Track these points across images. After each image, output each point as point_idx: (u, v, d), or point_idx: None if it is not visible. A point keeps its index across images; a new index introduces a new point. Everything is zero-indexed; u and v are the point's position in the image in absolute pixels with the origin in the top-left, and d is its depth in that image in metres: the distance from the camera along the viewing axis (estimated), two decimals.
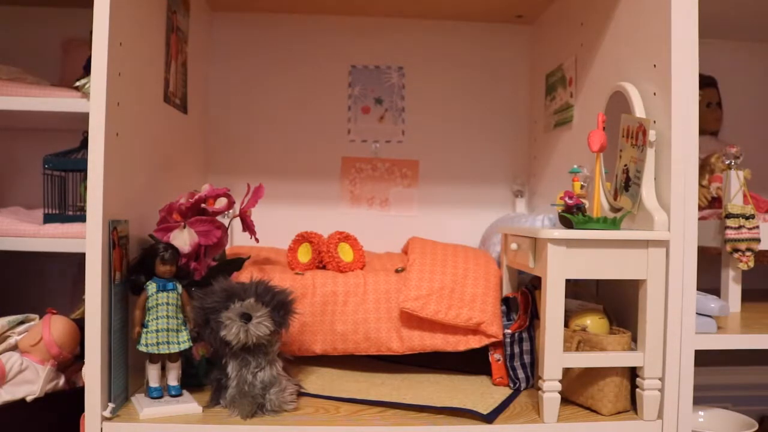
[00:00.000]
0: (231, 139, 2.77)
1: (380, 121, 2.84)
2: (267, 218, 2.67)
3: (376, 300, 2.02)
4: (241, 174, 2.73)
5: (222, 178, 2.70)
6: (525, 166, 2.87)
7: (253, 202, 2.00)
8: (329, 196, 2.82)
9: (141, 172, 1.90)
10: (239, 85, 2.77)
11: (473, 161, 2.86)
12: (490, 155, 2.86)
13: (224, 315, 1.63)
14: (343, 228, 2.39)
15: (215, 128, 2.76)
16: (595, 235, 1.64)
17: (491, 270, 2.10)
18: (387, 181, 2.86)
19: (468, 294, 2.01)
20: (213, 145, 2.76)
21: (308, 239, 2.23)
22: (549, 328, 1.64)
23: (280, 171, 2.78)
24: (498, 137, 2.86)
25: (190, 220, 1.81)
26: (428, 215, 2.86)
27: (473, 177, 2.87)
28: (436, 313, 1.96)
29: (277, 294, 1.72)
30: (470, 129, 2.86)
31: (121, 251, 1.67)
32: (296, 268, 2.19)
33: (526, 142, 2.87)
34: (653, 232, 1.64)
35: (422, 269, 2.05)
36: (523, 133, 2.87)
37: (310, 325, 1.98)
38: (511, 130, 2.87)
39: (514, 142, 2.87)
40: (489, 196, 2.86)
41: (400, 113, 2.84)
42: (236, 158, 2.76)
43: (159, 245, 1.72)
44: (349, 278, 2.06)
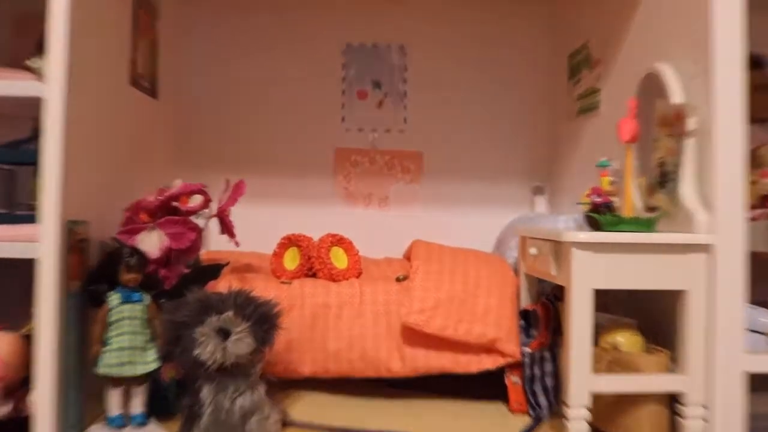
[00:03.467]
0: (208, 128, 2.77)
1: (379, 107, 2.85)
2: (248, 219, 2.65)
3: (374, 313, 2.02)
4: (219, 168, 2.73)
5: (197, 172, 2.70)
6: (545, 159, 2.87)
7: (232, 201, 2.00)
8: (320, 193, 2.82)
9: (104, 165, 1.88)
10: (218, 67, 2.77)
11: (486, 153, 2.86)
12: (505, 146, 2.86)
13: (198, 331, 1.61)
14: (336, 230, 2.37)
15: (190, 116, 2.76)
16: (627, 238, 1.63)
17: (507, 278, 2.10)
18: (386, 176, 2.86)
19: (481, 306, 2.01)
20: (187, 135, 2.76)
21: (296, 243, 2.23)
22: (575, 346, 1.63)
23: (264, 165, 2.79)
24: (514, 126, 2.86)
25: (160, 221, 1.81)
26: (434, 215, 2.86)
27: (486, 171, 2.87)
28: (443, 328, 1.95)
29: (260, 306, 1.70)
30: (482, 117, 2.86)
31: (79, 256, 1.66)
32: (282, 276, 2.19)
33: (546, 131, 2.87)
34: (694, 235, 1.63)
35: (427, 278, 2.06)
36: (543, 122, 2.87)
37: (298, 343, 1.98)
38: (529, 118, 2.87)
39: (533, 132, 2.86)
40: (504, 194, 2.86)
41: (402, 98, 2.84)
42: (214, 150, 2.77)
43: (123, 249, 1.71)
44: (342, 288, 2.06)
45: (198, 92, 2.78)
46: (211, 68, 2.78)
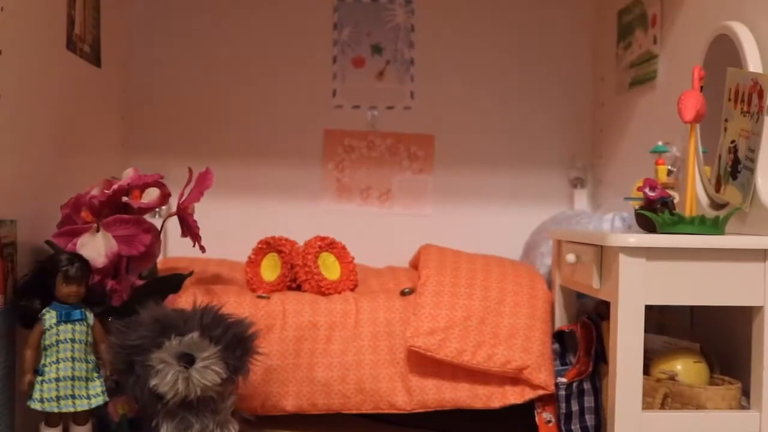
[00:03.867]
0: (165, 104, 2.76)
1: (379, 78, 2.83)
2: (217, 218, 2.65)
3: (373, 335, 2.01)
4: (180, 155, 2.71)
5: (152, 159, 2.68)
6: (587, 144, 2.85)
7: (196, 195, 1.99)
8: (306, 186, 2.80)
9: (34, 150, 1.88)
10: (178, 28, 2.75)
11: (512, 137, 2.84)
12: (536, 128, 2.84)
13: (156, 356, 1.62)
14: (326, 232, 2.35)
15: (143, 89, 2.75)
16: (689, 241, 1.63)
17: (538, 292, 2.09)
18: (389, 164, 2.84)
19: (505, 327, 2.01)
20: (139, 113, 2.74)
21: (276, 248, 2.22)
22: (622, 376, 1.63)
23: (236, 151, 2.78)
24: (548, 102, 2.84)
25: (107, 221, 1.80)
26: (448, 214, 2.84)
27: (512, 159, 2.84)
28: (459, 353, 1.95)
29: (232, 326, 1.71)
30: (508, 90, 2.83)
31: (4, 264, 1.66)
32: (259, 290, 2.18)
33: (588, 108, 2.85)
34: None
35: (439, 291, 2.05)
36: (585, 96, 2.85)
37: (278, 371, 1.98)
38: (567, 92, 2.84)
39: (572, 110, 2.84)
40: (535, 187, 2.84)
41: (408, 67, 2.83)
42: (173, 132, 2.76)
43: (61, 256, 1.71)
44: (334, 303, 2.05)
45: (153, 60, 2.78)
46: (169, 29, 2.78)
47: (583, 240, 1.86)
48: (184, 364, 1.61)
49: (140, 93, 2.78)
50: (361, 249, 2.47)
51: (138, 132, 2.77)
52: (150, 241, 1.84)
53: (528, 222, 2.73)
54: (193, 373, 1.61)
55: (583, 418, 1.91)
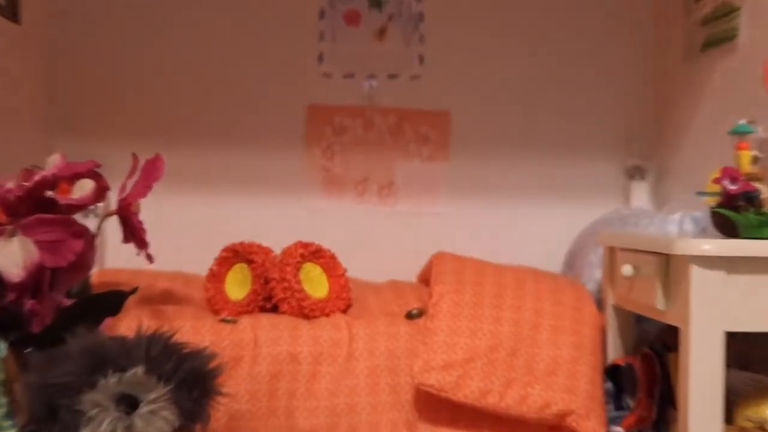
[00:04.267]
0: (101, 72, 2.77)
1: (379, 38, 2.84)
2: (169, 218, 2.67)
3: (371, 370, 2.02)
4: (121, 136, 2.72)
5: (84, 143, 2.70)
6: (648, 124, 2.87)
7: (143, 189, 1.99)
8: (284, 177, 2.83)
9: None
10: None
11: (551, 114, 2.86)
12: (582, 103, 2.86)
13: (88, 399, 1.59)
14: (310, 236, 2.35)
15: (74, 52, 2.75)
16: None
17: (585, 315, 2.11)
18: (391, 149, 2.86)
19: (543, 360, 2.02)
20: (68, 83, 2.75)
21: (246, 257, 2.25)
22: (697, 424, 1.63)
23: (195, 132, 2.80)
24: (598, 71, 2.86)
25: (25, 222, 1.79)
26: (467, 213, 2.86)
27: (551, 143, 2.86)
28: (483, 394, 1.96)
29: (187, 359, 1.69)
30: (545, 56, 2.85)
31: None
32: (223, 311, 2.20)
33: (649, 78, 2.87)
34: None
35: (457, 313, 2.06)
36: (645, 63, 2.87)
37: (248, 418, 1.98)
38: (622, 58, 2.86)
39: (628, 80, 2.87)
40: (581, 179, 2.86)
41: (416, 24, 2.85)
42: (111, 108, 2.76)
43: None
44: (321, 329, 2.07)
45: (86, 14, 2.77)
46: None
47: (643, 247, 1.85)
48: (124, 409, 1.59)
49: (70, 57, 2.76)
50: (355, 258, 2.46)
51: (66, 107, 2.75)
52: (81, 249, 1.82)
53: (572, 224, 2.74)
54: (137, 421, 1.59)
55: None
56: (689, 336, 1.64)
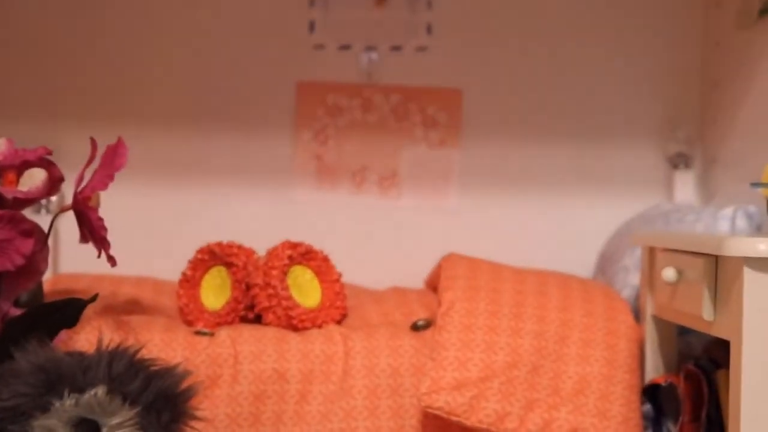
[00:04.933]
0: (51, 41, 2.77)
1: (379, 3, 2.84)
2: (135, 214, 2.67)
3: (370, 391, 2.01)
4: (76, 118, 2.73)
5: (34, 125, 2.70)
6: (694, 104, 2.87)
7: (103, 180, 1.97)
8: (270, 166, 2.84)
9: None
10: None
11: (581, 93, 2.86)
12: (617, 80, 2.87)
13: (40, 424, 1.59)
14: (300, 235, 2.36)
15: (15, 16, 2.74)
16: None
17: (620, 326, 2.10)
18: (395, 134, 2.86)
19: (570, 378, 2.01)
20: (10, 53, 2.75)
21: (224, 260, 2.24)
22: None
23: (163, 113, 2.80)
24: (636, 43, 2.86)
25: None
26: (482, 208, 2.86)
27: (581, 127, 2.87)
28: (500, 418, 1.95)
29: (156, 378, 1.68)
30: (573, 24, 2.85)
31: None
32: (198, 322, 2.21)
33: (696, 51, 2.87)
34: None
35: (470, 324, 2.06)
36: (692, 33, 2.87)
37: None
38: (664, 27, 2.86)
39: (672, 54, 2.87)
40: (615, 168, 2.86)
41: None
42: (64, 84, 2.77)
43: None
44: (312, 343, 2.06)
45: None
46: None
47: (688, 247, 1.83)
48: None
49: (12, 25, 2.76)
50: (352, 261, 2.47)
51: (11, 84, 2.75)
52: (31, 250, 1.82)
53: (604, 221, 2.75)
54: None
55: None
56: (741, 350, 1.62)
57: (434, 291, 2.36)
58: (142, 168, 2.69)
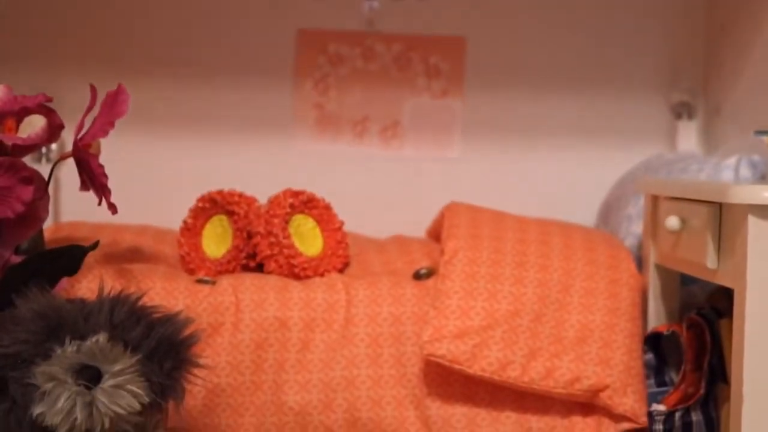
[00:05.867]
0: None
1: None
2: (135, 162, 2.67)
3: (372, 339, 2.02)
4: (76, 65, 2.72)
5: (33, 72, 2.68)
6: (698, 51, 2.86)
7: (103, 127, 1.96)
8: (270, 115, 2.83)
9: None
10: None
11: (583, 41, 2.85)
12: (619, 26, 2.85)
13: (42, 371, 1.59)
14: (301, 184, 2.34)
15: None
16: None
17: (623, 274, 2.10)
18: (397, 83, 2.85)
19: (573, 327, 2.02)
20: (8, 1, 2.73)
21: (225, 208, 2.24)
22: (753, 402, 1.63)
23: (163, 60, 2.79)
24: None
25: None
26: (485, 157, 2.86)
27: (583, 74, 2.86)
28: (502, 367, 1.96)
29: (158, 326, 1.69)
30: None
31: None
32: (200, 270, 2.21)
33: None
34: None
35: (473, 273, 2.06)
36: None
37: (230, 393, 1.99)
38: None
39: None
40: (618, 118, 2.86)
41: None
42: (63, 30, 2.75)
43: None
44: (314, 292, 2.06)
45: None
46: None
47: (692, 195, 1.83)
48: (84, 383, 1.58)
49: None
50: (354, 210, 2.47)
51: (9, 30, 2.73)
52: (32, 197, 1.81)
53: (607, 171, 2.74)
54: (99, 396, 1.58)
55: None
56: (745, 298, 1.62)
57: (436, 240, 2.35)
58: (142, 116, 2.67)
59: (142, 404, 1.62)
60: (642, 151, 2.79)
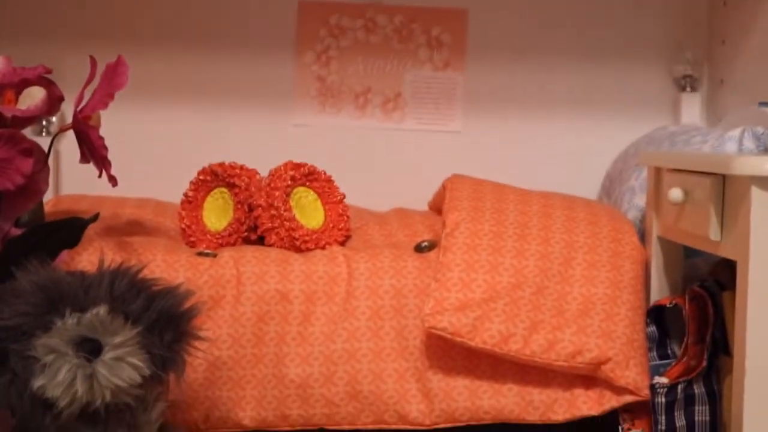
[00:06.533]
0: None
1: None
2: (136, 134, 2.68)
3: (374, 312, 2.02)
4: (76, 37, 2.72)
5: (32, 45, 2.67)
6: (701, 22, 2.85)
7: (103, 99, 1.97)
8: (271, 88, 2.83)
9: None
10: None
11: (586, 13, 2.84)
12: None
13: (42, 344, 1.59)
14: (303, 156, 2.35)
15: None
16: None
17: (625, 247, 2.10)
18: (399, 55, 2.84)
19: (575, 299, 2.01)
20: None
21: (227, 181, 2.24)
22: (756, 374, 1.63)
23: (163, 32, 2.79)
24: None
25: None
26: (487, 130, 2.86)
27: (586, 48, 2.85)
28: (504, 339, 1.95)
29: (158, 298, 1.69)
30: None
31: None
32: (200, 243, 2.21)
33: None
34: None
35: (474, 245, 2.05)
36: None
37: (231, 366, 1.99)
38: None
39: None
40: (621, 90, 2.86)
41: None
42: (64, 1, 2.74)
43: None
44: (315, 264, 2.06)
45: None
46: None
47: (695, 167, 1.82)
48: (85, 355, 1.58)
49: None
50: (355, 183, 2.47)
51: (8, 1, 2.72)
52: (31, 169, 1.82)
53: (610, 144, 2.74)
54: (100, 368, 1.58)
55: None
56: (748, 271, 1.62)
57: (438, 213, 2.35)
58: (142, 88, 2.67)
59: (142, 377, 1.62)
60: (645, 123, 2.79)
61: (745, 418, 1.63)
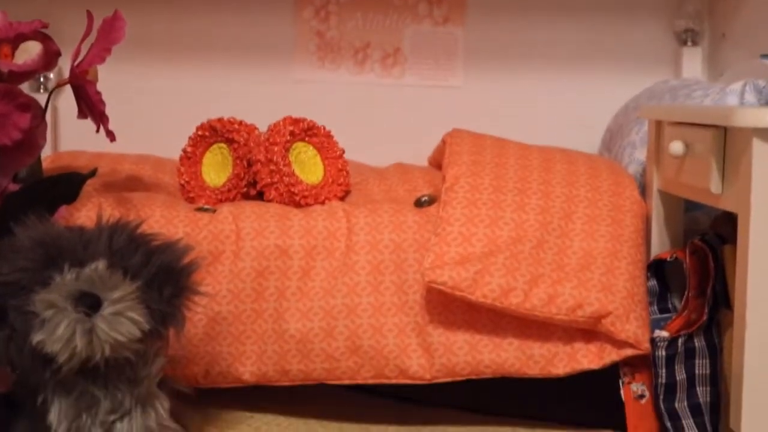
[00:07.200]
0: None
1: None
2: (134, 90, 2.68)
3: (373, 266, 2.02)
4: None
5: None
6: None
7: (100, 53, 1.97)
8: (270, 42, 2.83)
9: None
10: None
11: None
12: None
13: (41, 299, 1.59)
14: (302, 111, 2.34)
15: None
16: None
17: (626, 201, 2.10)
18: (398, 9, 2.83)
19: (575, 253, 2.01)
20: None
21: (225, 136, 2.24)
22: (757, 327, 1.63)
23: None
24: None
25: None
26: (487, 85, 2.86)
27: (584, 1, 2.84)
28: (504, 293, 1.95)
29: (157, 253, 1.69)
30: None
31: None
32: (199, 199, 2.22)
33: None
34: None
35: (474, 200, 2.05)
36: None
37: (230, 321, 2.00)
38: None
39: None
40: (622, 45, 2.86)
41: None
42: None
43: None
44: (314, 219, 2.06)
45: None
46: None
47: (696, 119, 1.82)
48: (84, 310, 1.58)
49: None
50: (355, 138, 2.46)
51: None
52: (29, 124, 1.81)
53: (611, 98, 2.73)
54: (99, 323, 1.58)
55: (692, 391, 1.91)
56: (749, 222, 1.62)
57: (438, 168, 2.35)
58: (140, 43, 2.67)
59: (142, 331, 1.63)
60: (646, 77, 2.78)
61: (745, 370, 1.64)
